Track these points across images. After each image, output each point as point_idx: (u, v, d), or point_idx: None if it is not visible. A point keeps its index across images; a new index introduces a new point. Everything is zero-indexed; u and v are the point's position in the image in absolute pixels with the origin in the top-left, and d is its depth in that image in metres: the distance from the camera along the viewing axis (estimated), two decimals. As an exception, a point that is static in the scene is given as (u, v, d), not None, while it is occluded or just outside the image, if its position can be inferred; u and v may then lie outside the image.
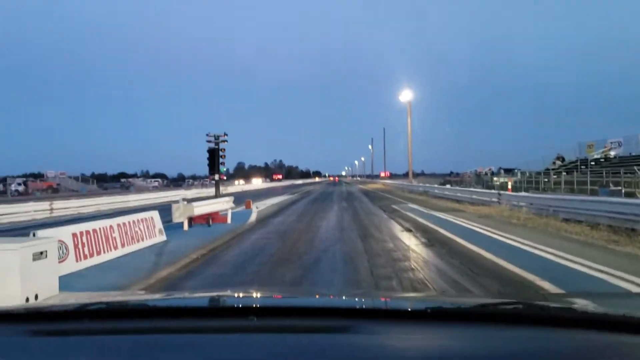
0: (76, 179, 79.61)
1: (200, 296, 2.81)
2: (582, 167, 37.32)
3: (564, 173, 37.31)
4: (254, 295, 2.64)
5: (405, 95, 55.00)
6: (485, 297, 7.15)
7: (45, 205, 27.36)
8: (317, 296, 2.92)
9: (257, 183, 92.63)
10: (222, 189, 39.36)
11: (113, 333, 1.70)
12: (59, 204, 28.59)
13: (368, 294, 3.65)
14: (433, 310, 1.87)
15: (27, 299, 6.88)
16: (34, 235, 8.23)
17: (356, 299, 2.67)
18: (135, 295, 5.94)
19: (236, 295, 2.54)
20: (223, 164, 26.57)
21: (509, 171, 55.58)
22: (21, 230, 17.23)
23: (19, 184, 65.70)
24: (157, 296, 3.47)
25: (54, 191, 66.41)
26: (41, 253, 7.28)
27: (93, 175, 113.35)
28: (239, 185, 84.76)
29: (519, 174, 46.39)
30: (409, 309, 2.11)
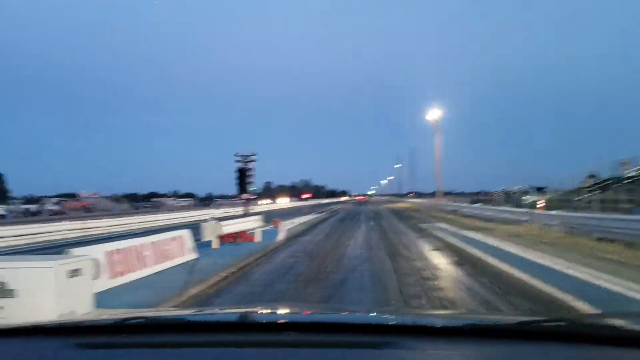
0: (108, 198, 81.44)
1: (231, 312, 2.85)
2: (616, 185, 36.45)
3: (597, 191, 36.50)
4: (285, 310, 2.65)
5: (433, 114, 54.73)
6: (519, 315, 7.05)
7: (78, 224, 28.00)
8: (347, 313, 2.92)
9: (283, 202, 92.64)
10: (250, 208, 39.69)
11: (151, 347, 1.75)
12: (91, 223, 29.23)
13: (399, 311, 3.62)
14: (469, 327, 1.83)
15: (62, 316, 7.04)
16: (66, 253, 8.44)
17: (388, 316, 2.64)
18: (169, 311, 6.03)
19: (268, 310, 2.56)
20: (251, 183, 26.84)
21: (539, 189, 54.59)
22: (55, 249, 17.63)
23: (54, 204, 67.38)
24: (189, 312, 3.53)
25: (87, 211, 67.88)
26: (76, 270, 7.45)
27: (125, 195, 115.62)
28: (267, 205, 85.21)
29: (549, 193, 45.54)
30: (444, 326, 2.05)
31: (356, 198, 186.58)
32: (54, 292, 6.98)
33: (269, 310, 2.55)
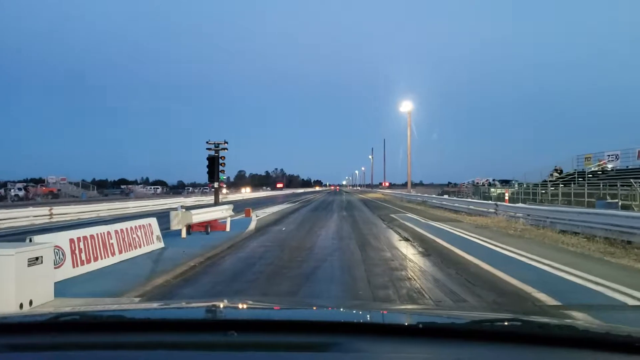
0: (76, 184, 79.55)
1: (184, 307, 2.74)
2: (580, 179, 37.32)
3: (561, 185, 37.33)
4: (241, 306, 2.57)
5: (405, 106, 55.08)
6: (480, 311, 7.14)
7: (44, 210, 27.34)
8: (308, 308, 2.85)
9: (246, 192, 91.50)
10: (222, 197, 39.39)
11: (84, 348, 1.62)
12: (58, 209, 28.57)
13: (361, 306, 3.56)
14: (425, 325, 1.80)
15: (22, 305, 6.89)
16: (30, 240, 8.24)
17: (346, 312, 2.57)
18: (121, 304, 5.89)
19: (222, 306, 2.46)
20: (223, 171, 26.62)
21: (506, 182, 55.62)
22: (19, 235, 17.24)
23: (20, 189, 65.67)
24: (138, 306, 3.39)
25: (54, 197, 66.39)
26: (37, 259, 7.29)
27: (93, 182, 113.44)
28: (240, 193, 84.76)
29: (516, 185, 46.37)
30: (401, 324, 2.03)
31: (331, 188, 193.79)
32: (14, 281, 6.82)
33: (224, 307, 2.45)
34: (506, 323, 1.91)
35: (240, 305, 2.61)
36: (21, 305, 6.89)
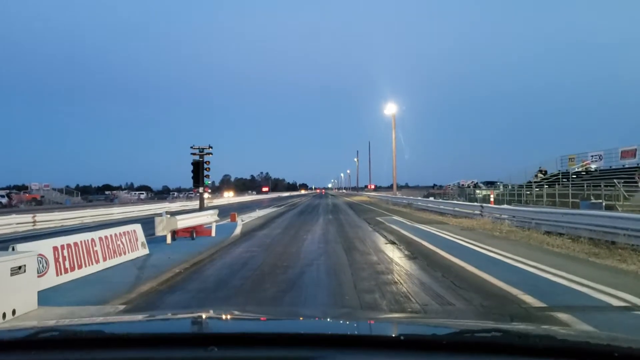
0: (60, 191, 78.69)
1: (167, 319, 2.70)
2: (564, 180, 37.74)
3: (546, 186, 37.71)
4: (225, 318, 2.54)
5: (390, 109, 55.33)
6: (467, 315, 7.16)
7: (28, 217, 26.99)
8: (294, 319, 2.83)
9: (229, 196, 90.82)
10: (208, 202, 39.23)
11: None
12: (42, 216, 28.22)
13: (347, 315, 3.54)
14: (407, 337, 1.81)
15: (4, 315, 6.77)
16: (13, 249, 8.11)
17: (332, 324, 2.56)
18: (104, 316, 5.79)
19: (206, 317, 2.43)
20: (208, 176, 26.52)
21: (491, 184, 56.04)
22: (2, 244, 16.97)
23: (2, 196, 64.71)
24: (122, 319, 3.33)
25: (38, 203, 65.59)
26: (20, 267, 7.18)
27: (77, 188, 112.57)
28: (225, 198, 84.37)
29: (501, 187, 46.77)
30: (384, 336, 2.03)
31: (317, 191, 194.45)
32: (-5, 291, 6.70)
33: (201, 320, 2.42)
34: (487, 334, 1.91)
35: (224, 317, 2.58)
36: (4, 315, 6.78)
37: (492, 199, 34.24)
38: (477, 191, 49.35)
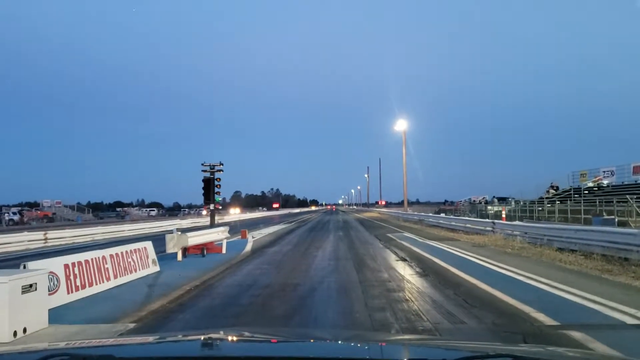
0: (72, 208, 79.27)
1: (177, 340, 2.69)
2: (576, 195, 37.43)
3: (558, 202, 37.41)
4: (236, 339, 2.53)
5: (400, 125, 55.44)
6: (478, 334, 7.07)
7: (39, 235, 27.20)
8: (305, 341, 2.81)
9: (235, 212, 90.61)
10: (218, 218, 39.27)
11: None
12: (53, 233, 28.43)
13: (356, 337, 3.51)
14: None
15: (15, 333, 6.80)
16: (24, 267, 8.17)
17: (342, 346, 2.54)
18: (114, 337, 5.76)
19: (216, 339, 2.39)
20: (218, 193, 26.55)
21: (503, 200, 55.75)
22: (14, 261, 17.11)
23: (14, 214, 65.28)
24: (133, 341, 3.33)
25: (50, 220, 66.08)
26: (30, 286, 7.22)
27: (89, 205, 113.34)
28: (235, 214, 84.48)
29: (513, 203, 46.48)
30: (392, 359, 2.01)
31: (327, 207, 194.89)
32: (7, 309, 6.74)
33: (211, 342, 2.41)
34: (498, 359, 1.88)
35: (235, 338, 2.57)
36: (15, 334, 6.81)
37: (503, 215, 33.99)
38: (489, 207, 49.07)
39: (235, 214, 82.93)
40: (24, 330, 7.01)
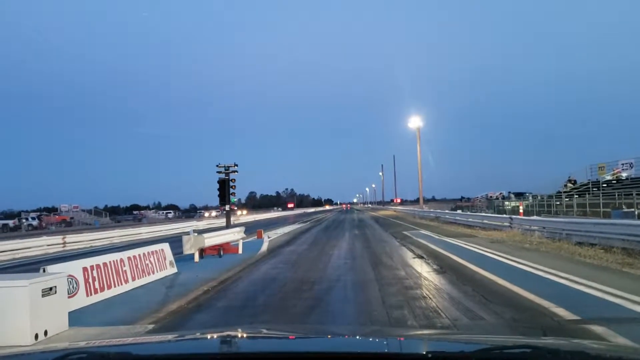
0: (89, 212, 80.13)
1: (196, 338, 2.70)
2: (594, 189, 36.95)
3: (576, 196, 36.98)
4: (254, 336, 2.53)
5: (414, 122, 55.16)
6: (498, 330, 7.00)
7: (58, 239, 27.54)
8: (323, 337, 2.81)
9: (242, 214, 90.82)
10: (234, 219, 39.49)
11: None
12: (71, 237, 28.77)
13: (375, 333, 3.49)
14: (434, 355, 1.79)
15: (37, 336, 6.88)
16: (44, 270, 8.28)
17: (360, 341, 2.53)
18: (134, 336, 5.81)
19: (234, 336, 2.40)
20: (234, 194, 26.66)
21: (520, 195, 55.22)
22: (34, 265, 17.32)
23: (33, 219, 66.25)
24: (152, 339, 3.35)
25: (68, 225, 66.87)
26: (50, 289, 7.30)
27: (106, 208, 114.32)
28: (251, 215, 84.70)
29: (530, 198, 46.05)
30: (412, 353, 2.01)
31: (343, 206, 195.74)
32: (28, 312, 6.83)
33: (229, 339, 2.41)
34: (516, 351, 1.86)
35: (253, 336, 2.58)
36: (36, 336, 6.89)
37: (521, 210, 33.71)
38: (506, 203, 48.69)
39: (242, 214, 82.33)
40: (45, 332, 7.09)
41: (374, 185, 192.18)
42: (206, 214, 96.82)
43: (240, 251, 19.32)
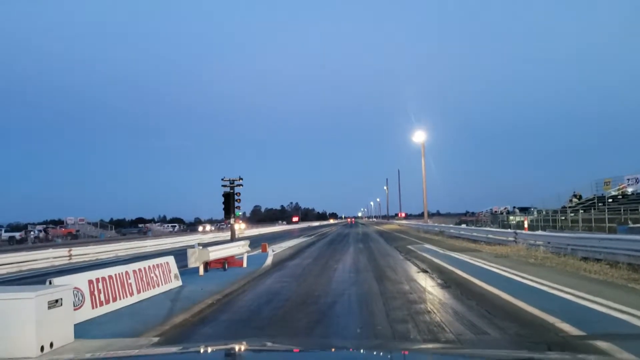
0: (95, 225, 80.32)
1: (200, 352, 2.70)
2: (600, 204, 36.83)
3: (581, 211, 36.86)
4: (258, 349, 2.53)
5: (419, 136, 55.23)
6: (502, 345, 6.99)
7: (64, 251, 27.60)
8: (327, 350, 2.83)
9: (241, 227, 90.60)
10: (239, 233, 39.47)
11: None
12: (77, 250, 28.82)
13: (378, 347, 3.51)
14: None
15: (42, 348, 6.92)
16: (50, 283, 8.32)
17: (362, 355, 2.53)
18: (138, 349, 5.83)
19: (238, 350, 2.41)
20: (239, 207, 26.76)
21: (525, 209, 55.05)
22: (40, 277, 17.39)
23: (39, 231, 66.43)
24: (157, 351, 3.37)
25: (74, 237, 67.01)
26: (56, 301, 7.34)
27: (111, 221, 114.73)
28: (256, 228, 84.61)
29: (535, 213, 45.90)
30: None
31: (348, 220, 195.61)
32: (34, 324, 6.86)
33: (234, 353, 2.42)
34: None
35: (257, 349, 2.59)
36: (42, 348, 6.92)
37: (526, 225, 33.56)
38: (511, 217, 48.57)
39: (240, 229, 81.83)
40: (51, 344, 7.12)
41: (378, 199, 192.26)
42: (200, 228, 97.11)
43: (244, 265, 19.32)
